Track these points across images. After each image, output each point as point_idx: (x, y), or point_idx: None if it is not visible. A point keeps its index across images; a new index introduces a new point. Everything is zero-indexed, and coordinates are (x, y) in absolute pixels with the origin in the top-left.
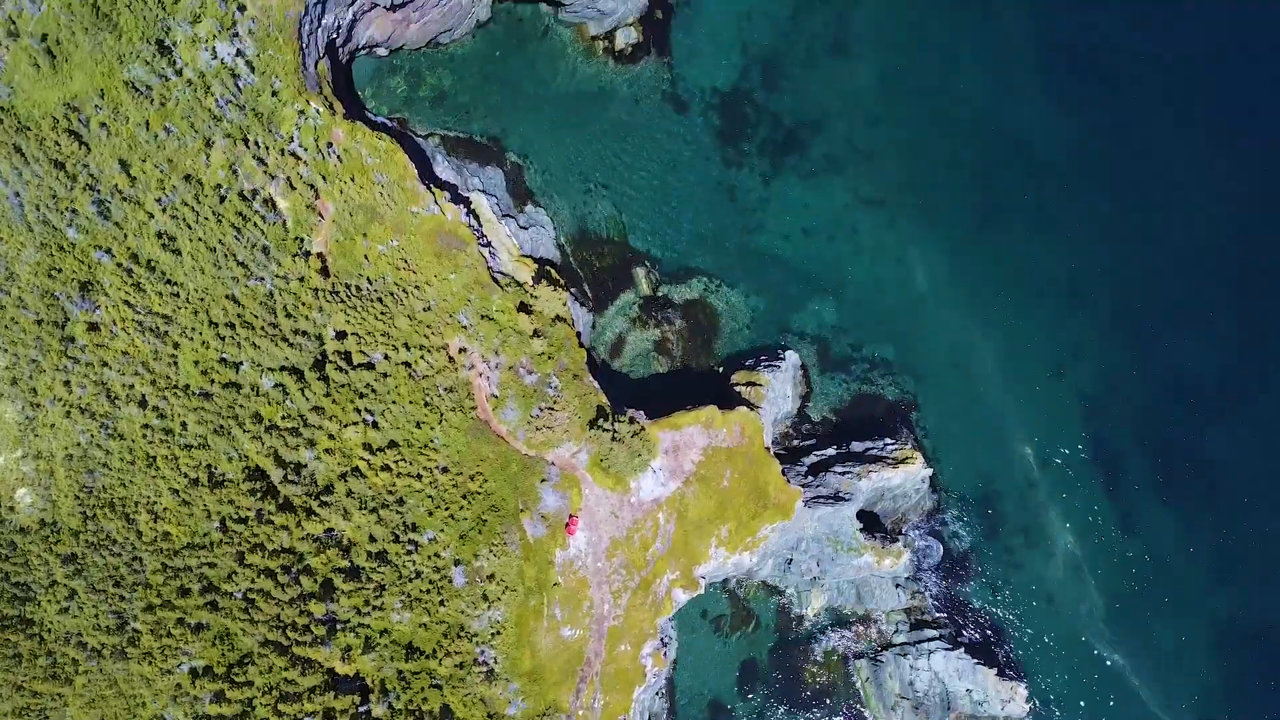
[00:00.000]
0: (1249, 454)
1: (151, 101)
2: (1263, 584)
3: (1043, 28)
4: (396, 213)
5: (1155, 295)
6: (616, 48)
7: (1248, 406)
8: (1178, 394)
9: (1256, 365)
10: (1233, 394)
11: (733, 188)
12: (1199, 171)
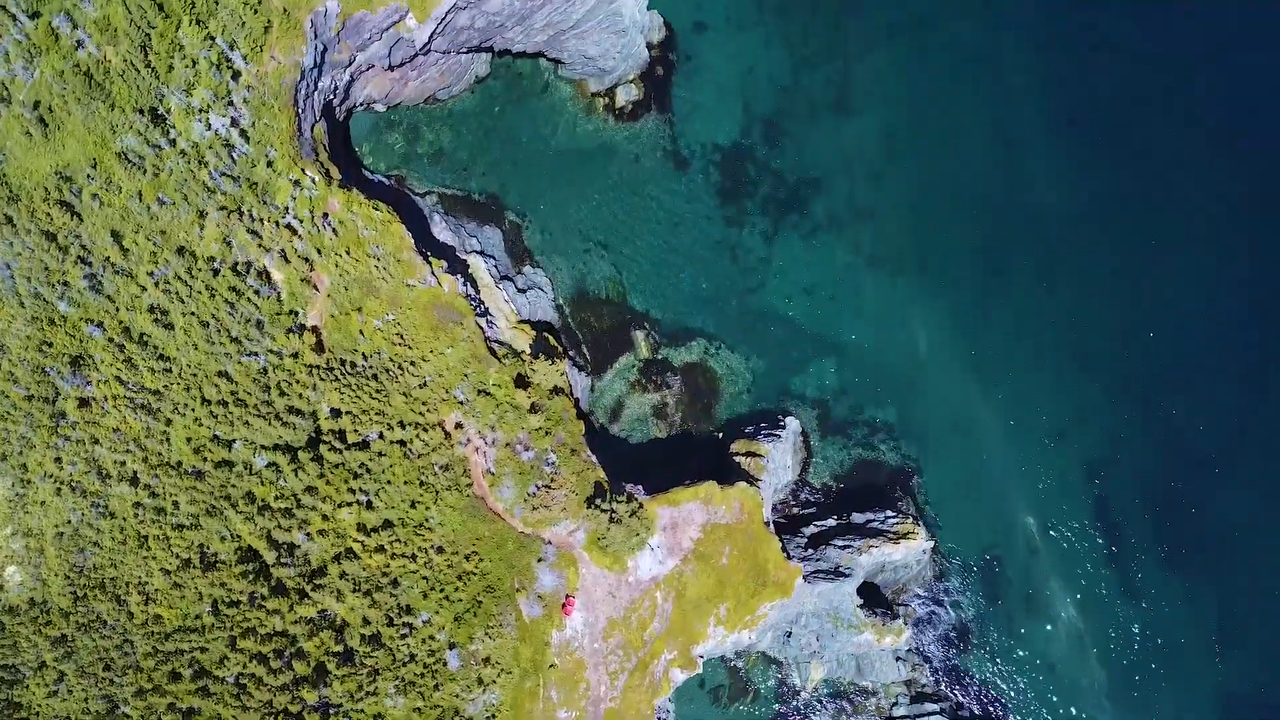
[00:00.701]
0: (1253, 520)
1: (144, 172)
2: (1268, 654)
3: (1047, 84)
4: (392, 286)
5: (1160, 358)
6: (617, 105)
7: (1253, 471)
8: (1182, 458)
9: (1261, 430)
10: (1237, 458)
11: (734, 246)
12: (1206, 231)
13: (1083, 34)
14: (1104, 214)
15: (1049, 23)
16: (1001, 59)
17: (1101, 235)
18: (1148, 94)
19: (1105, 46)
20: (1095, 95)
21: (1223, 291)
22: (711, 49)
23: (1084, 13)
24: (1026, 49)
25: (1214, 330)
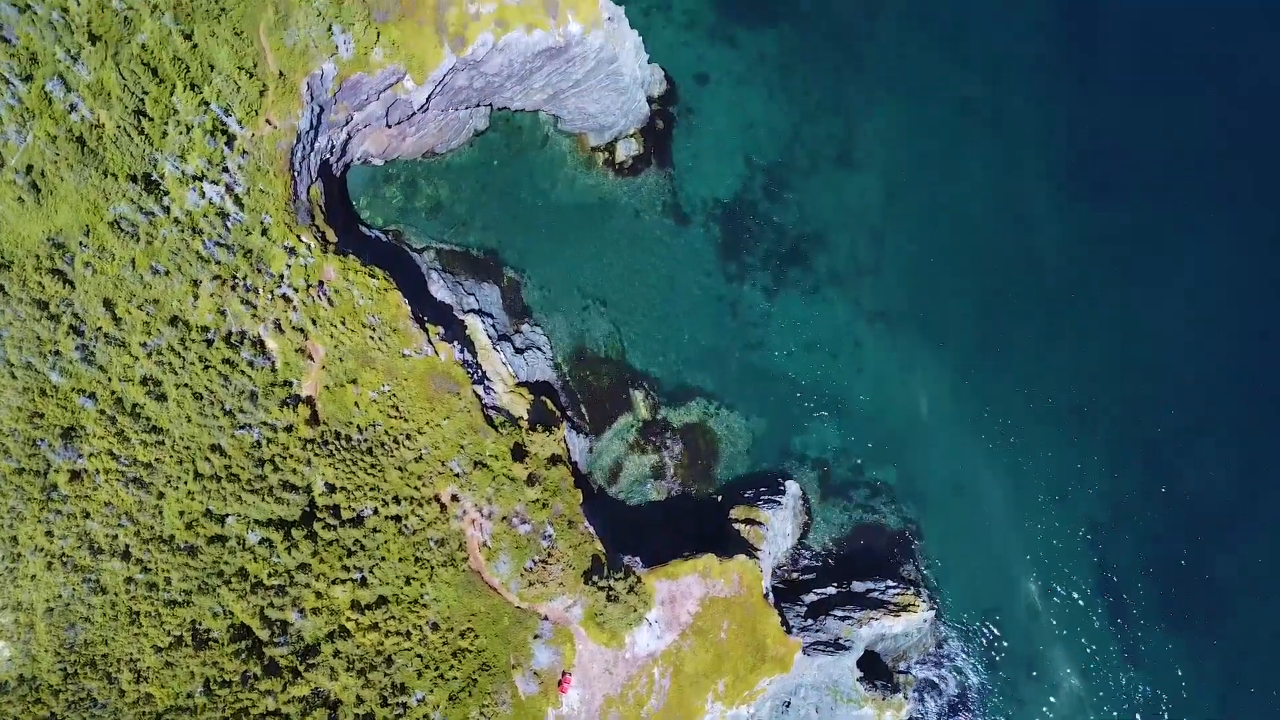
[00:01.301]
0: (1256, 582)
1: (138, 240)
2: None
3: (1049, 140)
4: (388, 356)
5: (1162, 418)
6: (617, 159)
7: (1254, 533)
8: (1185, 519)
9: (1266, 491)
10: (1241, 519)
11: (734, 303)
12: (1210, 291)
13: (1086, 90)
14: (1107, 271)
15: (1052, 79)
16: (1003, 114)
17: (1104, 293)
18: (1152, 152)
19: (1109, 102)
20: (1099, 152)
21: (1227, 352)
22: (713, 102)
23: (1087, 69)
24: (1029, 104)
25: (1218, 390)
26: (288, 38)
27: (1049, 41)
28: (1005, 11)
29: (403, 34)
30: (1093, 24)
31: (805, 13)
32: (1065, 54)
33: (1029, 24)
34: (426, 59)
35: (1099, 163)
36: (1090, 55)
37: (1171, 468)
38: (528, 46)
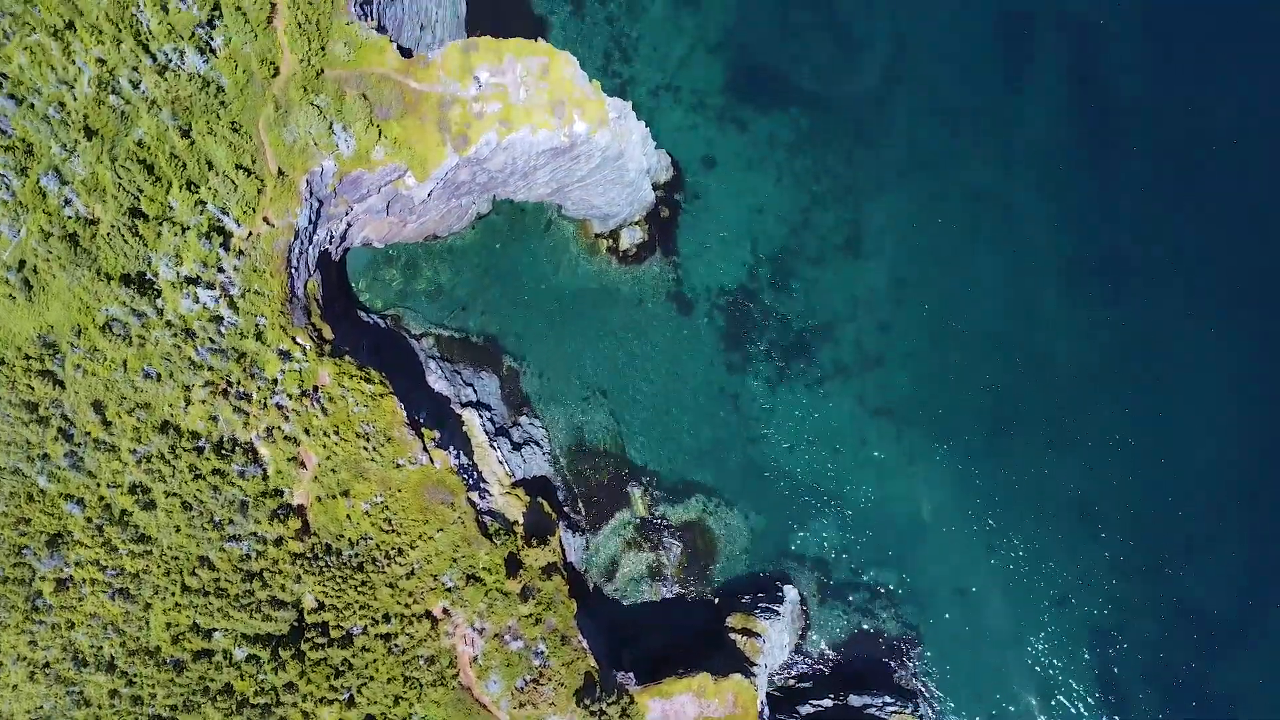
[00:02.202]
0: (1261, 695)
1: (129, 342)
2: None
3: (1062, 233)
4: (382, 466)
5: (1166, 519)
6: (621, 247)
7: (1261, 644)
8: (1188, 629)
9: (1272, 600)
10: (1246, 631)
11: (736, 395)
12: (1224, 395)
13: (1099, 181)
14: (1118, 370)
15: (1065, 170)
16: (1015, 204)
17: (1114, 392)
18: (1166, 248)
19: (1123, 195)
20: (1111, 246)
21: (1238, 458)
22: (720, 186)
23: (1100, 160)
24: (1041, 194)
25: (1227, 496)
26: (287, 135)
27: (1062, 131)
28: (1019, 100)
29: (405, 131)
30: (1106, 116)
31: (816, 95)
32: (1079, 145)
33: (1043, 113)
34: (428, 157)
35: (1111, 257)
36: (1103, 146)
37: (1178, 575)
38: (532, 146)
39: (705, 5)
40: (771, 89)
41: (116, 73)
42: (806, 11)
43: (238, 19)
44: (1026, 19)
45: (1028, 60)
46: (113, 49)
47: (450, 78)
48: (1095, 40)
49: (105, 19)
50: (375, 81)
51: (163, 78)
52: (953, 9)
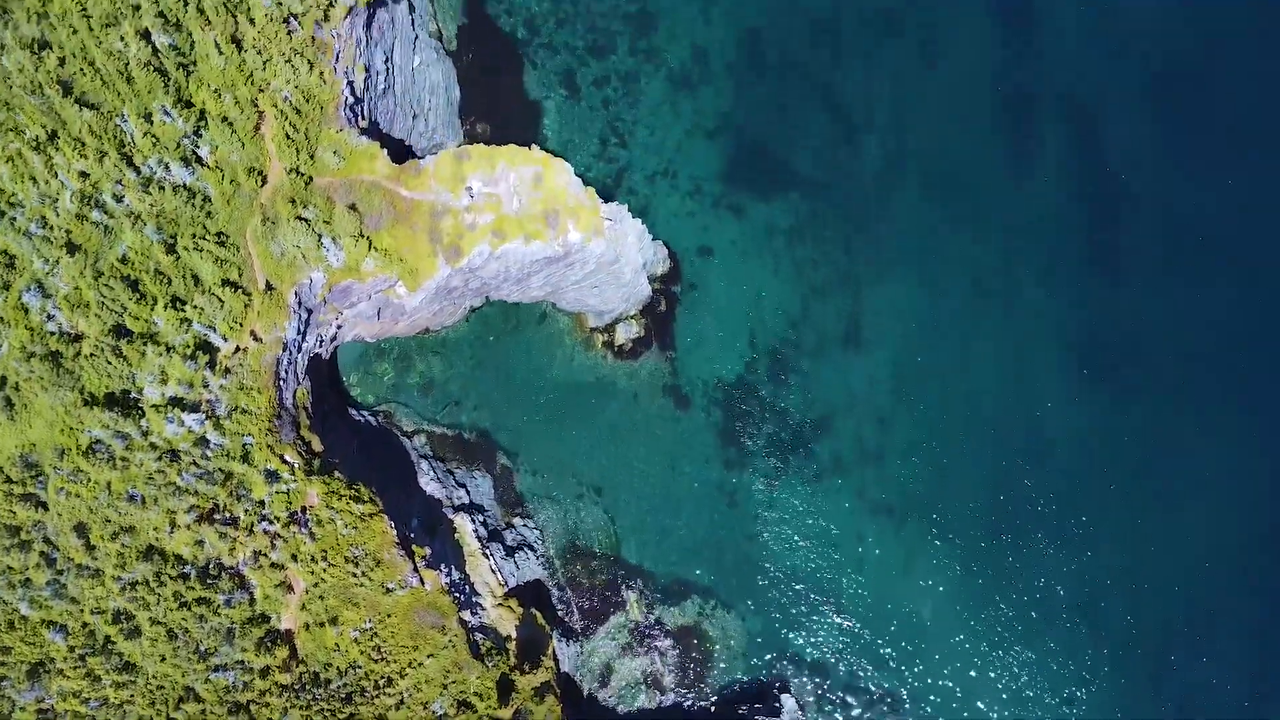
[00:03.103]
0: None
1: (113, 465)
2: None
3: (1065, 328)
4: (371, 591)
5: (1170, 615)
6: (616, 342)
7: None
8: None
9: (1272, 700)
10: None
11: (733, 492)
12: (1225, 496)
13: (1104, 275)
14: (1119, 470)
15: (1069, 262)
16: (1017, 294)
17: (1114, 490)
18: (1170, 345)
19: (1127, 290)
20: (1114, 342)
21: (1239, 561)
22: (718, 276)
23: (1106, 254)
24: (1045, 286)
25: (1229, 598)
26: (275, 247)
27: (1066, 219)
28: (1022, 186)
29: (395, 242)
30: (1111, 203)
31: (815, 180)
32: (1083, 233)
33: (1046, 200)
34: (420, 268)
35: (1114, 354)
36: (1108, 236)
37: (1179, 677)
38: (525, 255)
39: (702, 88)
40: (770, 174)
41: (100, 186)
42: (805, 94)
43: (224, 129)
44: (1029, 101)
45: (1031, 144)
46: (96, 164)
47: (442, 186)
48: (1100, 124)
49: (88, 131)
50: (365, 190)
51: (147, 192)
52: (954, 90)
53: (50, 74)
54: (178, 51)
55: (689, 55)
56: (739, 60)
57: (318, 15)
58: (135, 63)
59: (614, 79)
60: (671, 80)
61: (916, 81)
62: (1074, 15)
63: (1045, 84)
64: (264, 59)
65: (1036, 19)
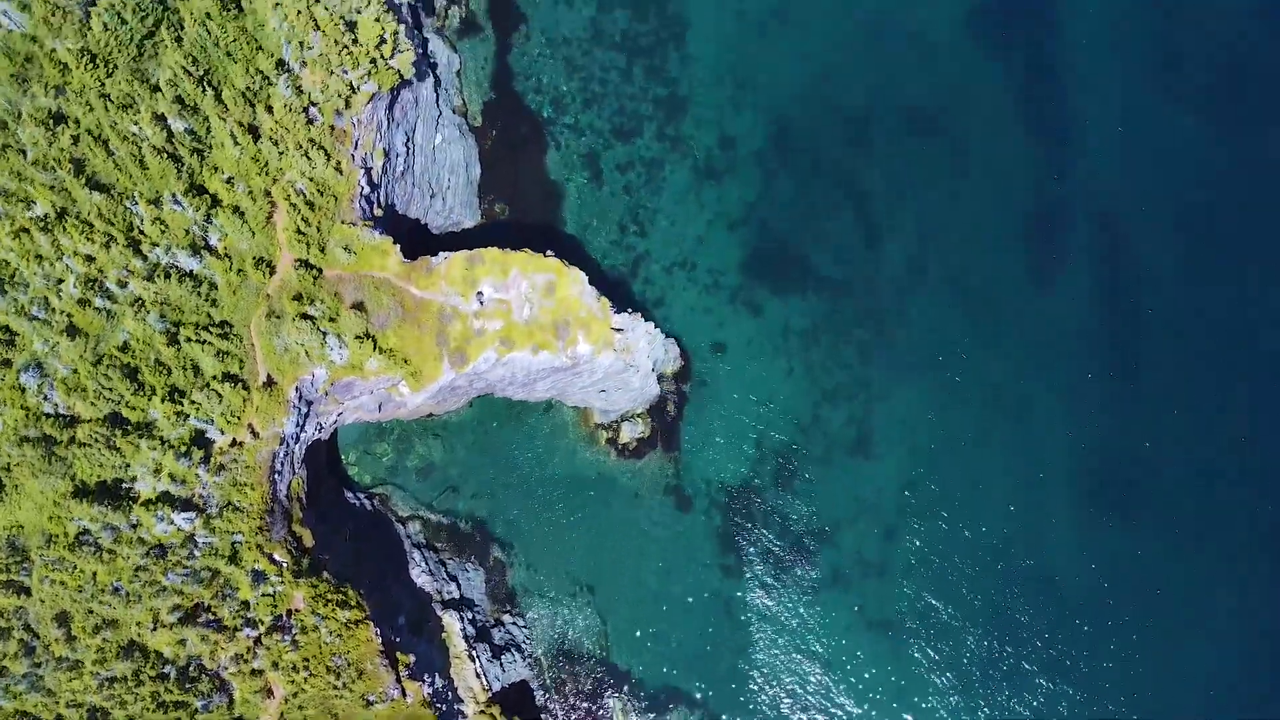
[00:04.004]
0: None
1: (100, 557)
2: None
3: (1078, 444)
4: (351, 703)
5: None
6: (621, 440)
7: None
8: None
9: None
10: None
11: (729, 600)
12: (1239, 635)
13: (1120, 393)
14: (1129, 599)
15: (1085, 377)
16: (1032, 408)
17: (1125, 622)
18: (1185, 470)
19: (1143, 410)
20: (1128, 463)
21: (1246, 690)
22: (729, 375)
23: (1123, 371)
24: (1059, 401)
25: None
26: (278, 343)
27: (1087, 334)
28: (1044, 298)
29: (401, 341)
30: (1133, 322)
31: (835, 280)
32: (1103, 350)
33: (1068, 313)
34: (424, 369)
35: (1127, 480)
36: (1128, 355)
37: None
38: (532, 365)
39: (727, 178)
40: (790, 271)
41: (105, 271)
42: (831, 190)
43: (235, 219)
44: (1057, 215)
45: (1056, 259)
46: (102, 249)
47: (453, 289)
48: (1128, 246)
49: (97, 214)
50: (374, 287)
51: (151, 280)
52: (983, 198)
53: (64, 151)
54: (193, 135)
55: (716, 143)
56: (767, 151)
57: (338, 104)
58: (149, 149)
59: (638, 164)
60: (696, 168)
61: (946, 186)
62: (1110, 134)
63: (1076, 200)
64: (280, 150)
65: (1072, 134)
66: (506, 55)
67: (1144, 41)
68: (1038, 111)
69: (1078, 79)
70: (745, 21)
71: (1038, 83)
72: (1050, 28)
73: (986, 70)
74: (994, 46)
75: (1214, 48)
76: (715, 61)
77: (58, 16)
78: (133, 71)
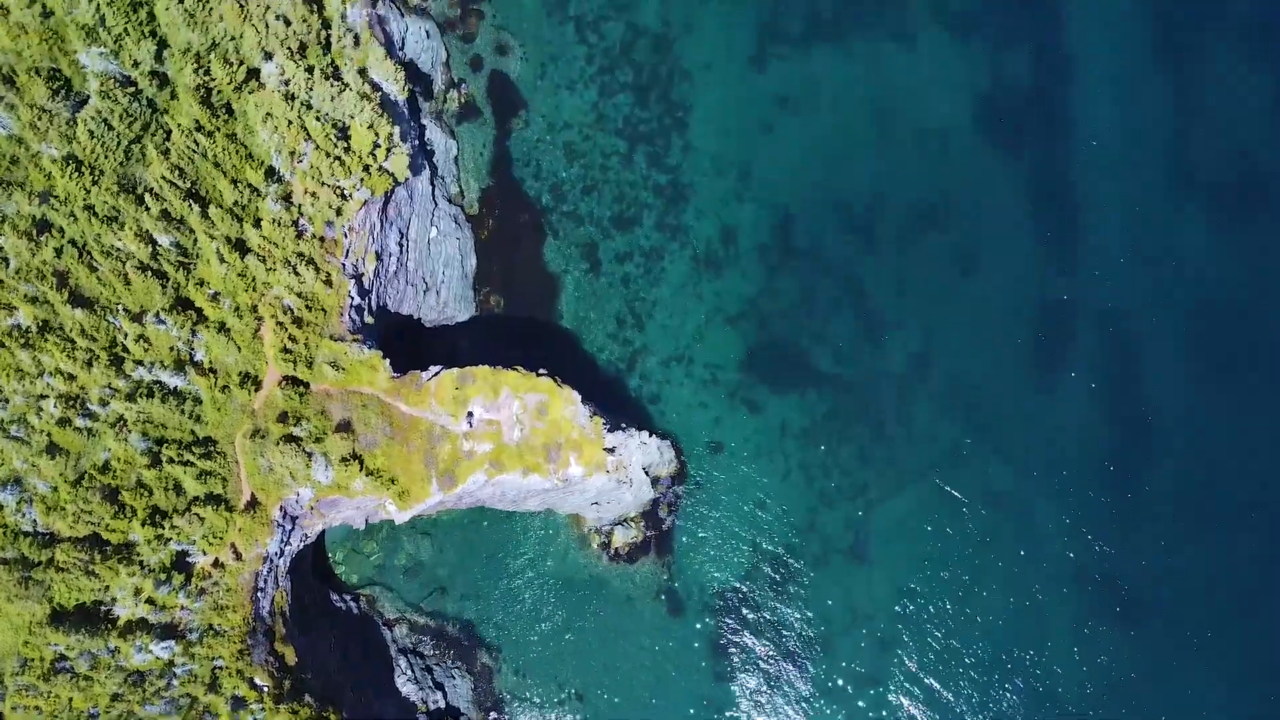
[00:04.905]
0: None
1: (77, 682)
2: None
3: (1078, 554)
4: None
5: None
6: (614, 545)
7: None
8: None
9: None
10: None
11: (721, 707)
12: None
13: (1122, 504)
14: (1121, 717)
15: (1089, 491)
16: (1033, 515)
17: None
18: (1188, 592)
19: (1145, 523)
20: (1129, 580)
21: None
22: (724, 476)
23: (1129, 487)
24: (1061, 509)
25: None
26: (263, 463)
27: (1091, 442)
28: (1048, 403)
29: (389, 461)
30: (1138, 431)
31: (836, 378)
32: (1106, 459)
33: (1072, 419)
34: (412, 490)
35: (1131, 591)
36: (1133, 470)
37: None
38: (523, 486)
39: (727, 270)
40: (789, 367)
41: (86, 390)
42: (833, 285)
43: (220, 337)
44: (1063, 318)
45: (1061, 362)
46: (84, 368)
47: (443, 409)
48: (1135, 352)
49: (79, 332)
50: (362, 405)
51: (134, 401)
52: (987, 297)
53: (46, 264)
54: (179, 249)
55: (717, 234)
56: (768, 243)
57: (330, 215)
58: (133, 267)
59: (637, 255)
60: (696, 260)
61: (950, 283)
62: (1119, 237)
63: (1082, 303)
64: (268, 266)
65: (1080, 235)
66: (506, 140)
67: (1155, 139)
68: (1045, 208)
69: (1086, 176)
70: (750, 110)
71: (1045, 179)
72: (1060, 124)
73: (994, 165)
74: (1002, 141)
75: (1226, 146)
76: (718, 150)
77: (44, 120)
78: (119, 179)
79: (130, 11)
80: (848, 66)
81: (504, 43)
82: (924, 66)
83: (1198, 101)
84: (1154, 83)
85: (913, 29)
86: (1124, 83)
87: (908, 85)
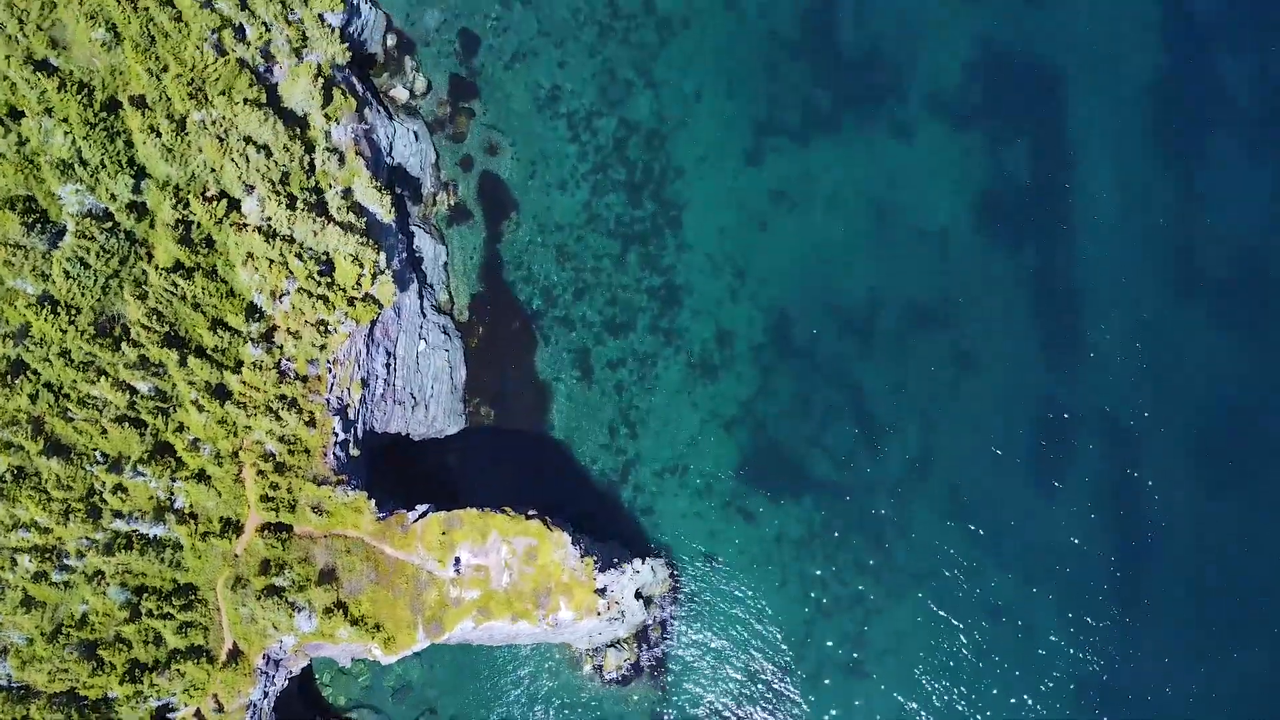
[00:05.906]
0: None
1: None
2: None
3: (1081, 667)
4: None
5: None
6: (606, 668)
7: None
8: None
9: None
10: None
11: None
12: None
13: (1124, 619)
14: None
15: (1091, 597)
16: (1034, 629)
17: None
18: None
19: (1147, 640)
20: (1132, 694)
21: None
22: (720, 588)
23: (1135, 595)
24: (1062, 623)
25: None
26: (244, 612)
27: (1093, 552)
28: (1049, 510)
29: (374, 607)
30: (1141, 542)
31: (834, 487)
32: (1108, 571)
33: (1073, 529)
34: (398, 636)
35: (1131, 709)
36: (1136, 581)
37: None
38: (511, 632)
39: (722, 374)
40: (785, 475)
41: (64, 541)
42: (830, 388)
43: (199, 487)
44: (1065, 424)
45: (1063, 469)
46: (59, 520)
47: (429, 554)
48: (1138, 460)
49: (55, 483)
50: (346, 550)
51: (111, 555)
52: (987, 401)
53: (21, 411)
54: (158, 394)
55: (712, 337)
56: (764, 344)
57: (312, 353)
58: (109, 419)
59: (630, 360)
60: (691, 364)
61: (949, 386)
62: (1123, 343)
63: (1084, 409)
64: (248, 413)
65: (1082, 340)
66: (496, 243)
67: (1158, 237)
68: (1047, 309)
69: (1089, 276)
70: (745, 209)
71: (1047, 279)
72: (1062, 222)
73: (994, 265)
74: (1003, 240)
75: (1231, 244)
76: (713, 249)
77: (19, 255)
78: (96, 316)
79: (107, 142)
80: (845, 161)
81: (495, 142)
82: (923, 161)
83: (1202, 198)
84: (1157, 178)
85: (911, 123)
86: (1126, 178)
87: (906, 180)
